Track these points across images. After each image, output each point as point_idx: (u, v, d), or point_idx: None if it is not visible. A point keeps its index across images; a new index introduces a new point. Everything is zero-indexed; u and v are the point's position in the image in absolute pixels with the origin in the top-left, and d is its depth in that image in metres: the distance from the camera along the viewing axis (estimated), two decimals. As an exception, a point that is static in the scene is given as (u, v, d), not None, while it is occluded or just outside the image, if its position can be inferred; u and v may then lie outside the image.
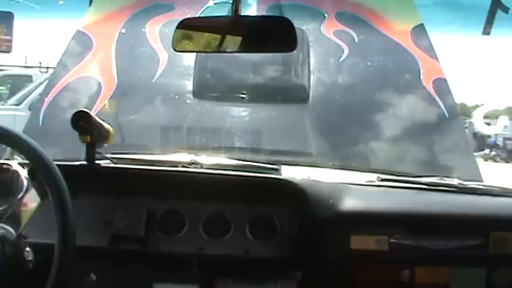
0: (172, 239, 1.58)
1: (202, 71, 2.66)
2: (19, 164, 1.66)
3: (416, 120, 2.59)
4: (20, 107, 7.50)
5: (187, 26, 1.65)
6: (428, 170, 2.30)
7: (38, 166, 1.37)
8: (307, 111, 2.62)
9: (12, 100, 8.24)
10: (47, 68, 12.67)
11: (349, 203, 1.61)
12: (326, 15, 2.80)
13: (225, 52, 1.78)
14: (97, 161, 1.65)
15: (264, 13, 2.71)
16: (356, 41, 2.73)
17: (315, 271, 1.55)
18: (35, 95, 7.21)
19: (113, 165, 1.72)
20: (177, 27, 1.63)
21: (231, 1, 1.64)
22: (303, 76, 2.65)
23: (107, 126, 1.64)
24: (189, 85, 2.67)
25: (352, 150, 2.47)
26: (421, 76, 2.63)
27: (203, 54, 2.51)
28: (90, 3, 3.13)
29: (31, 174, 1.60)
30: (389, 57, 2.73)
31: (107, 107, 2.68)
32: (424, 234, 1.57)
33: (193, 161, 1.75)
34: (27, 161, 1.53)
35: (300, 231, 1.54)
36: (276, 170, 1.81)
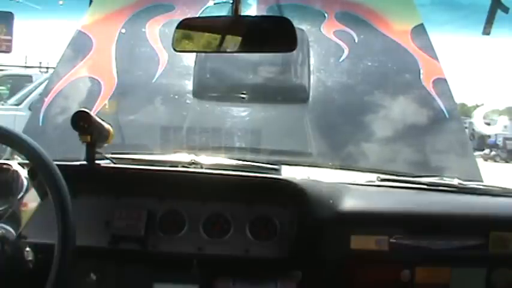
0: (172, 239, 1.58)
1: (202, 71, 2.65)
2: (19, 164, 1.66)
3: (416, 120, 2.58)
4: (20, 107, 7.51)
5: (187, 26, 1.65)
6: (428, 170, 2.29)
7: (38, 166, 1.37)
8: (307, 111, 2.61)
9: (12, 100, 8.27)
10: (47, 68, 12.71)
11: (349, 203, 1.61)
12: (326, 15, 2.80)
13: (225, 52, 1.79)
14: (97, 161, 1.65)
15: (264, 13, 2.71)
16: (356, 41, 2.72)
17: (315, 271, 1.55)
18: (35, 95, 7.23)
19: (113, 165, 1.72)
20: (177, 27, 1.63)
21: (231, 1, 1.64)
22: (302, 76, 2.64)
23: (107, 126, 1.64)
24: (189, 85, 2.66)
25: (352, 150, 2.46)
26: (421, 76, 2.62)
27: (203, 54, 2.51)
28: (90, 3, 3.13)
29: (31, 174, 1.60)
30: (389, 57, 2.72)
31: (107, 107, 2.68)
32: (424, 234, 1.57)
33: (193, 161, 1.76)
34: (27, 161, 1.53)
35: (300, 231, 1.54)
36: (276, 170, 1.81)
